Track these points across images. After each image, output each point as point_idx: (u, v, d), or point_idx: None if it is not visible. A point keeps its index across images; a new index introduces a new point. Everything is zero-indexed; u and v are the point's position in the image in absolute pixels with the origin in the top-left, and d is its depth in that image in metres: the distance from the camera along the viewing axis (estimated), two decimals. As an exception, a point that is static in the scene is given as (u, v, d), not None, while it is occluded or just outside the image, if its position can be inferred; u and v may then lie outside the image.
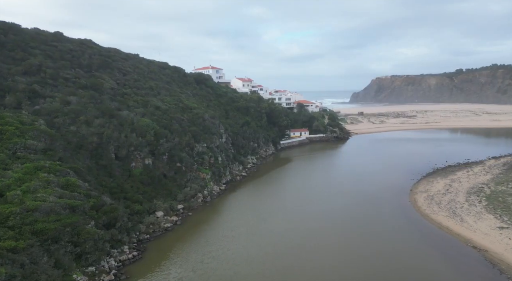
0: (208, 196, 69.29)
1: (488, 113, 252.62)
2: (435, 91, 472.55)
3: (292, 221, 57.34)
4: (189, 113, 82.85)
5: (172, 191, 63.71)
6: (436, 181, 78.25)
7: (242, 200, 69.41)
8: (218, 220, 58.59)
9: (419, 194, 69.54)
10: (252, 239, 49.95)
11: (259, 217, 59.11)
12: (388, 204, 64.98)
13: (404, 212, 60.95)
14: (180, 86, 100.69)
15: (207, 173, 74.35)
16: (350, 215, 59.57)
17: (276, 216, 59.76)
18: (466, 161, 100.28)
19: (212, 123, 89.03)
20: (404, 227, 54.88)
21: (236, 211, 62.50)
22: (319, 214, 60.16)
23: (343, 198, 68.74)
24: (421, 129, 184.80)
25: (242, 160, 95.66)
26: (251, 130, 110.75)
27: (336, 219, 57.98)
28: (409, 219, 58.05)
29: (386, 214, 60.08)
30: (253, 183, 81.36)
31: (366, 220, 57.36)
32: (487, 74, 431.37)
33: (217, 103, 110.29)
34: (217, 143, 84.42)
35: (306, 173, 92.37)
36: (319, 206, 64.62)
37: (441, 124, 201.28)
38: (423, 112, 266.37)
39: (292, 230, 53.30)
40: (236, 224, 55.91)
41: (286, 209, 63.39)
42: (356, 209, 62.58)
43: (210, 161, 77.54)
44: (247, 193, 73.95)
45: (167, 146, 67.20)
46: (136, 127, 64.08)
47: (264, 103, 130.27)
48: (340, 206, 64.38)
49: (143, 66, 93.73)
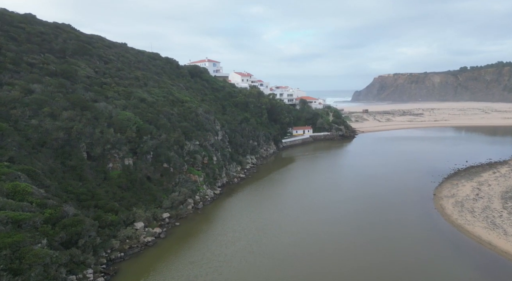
0: (200, 202, 59.65)
1: (498, 111, 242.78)
2: (439, 89, 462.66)
3: (297, 233, 47.68)
4: (180, 106, 73.19)
5: (156, 196, 54.10)
6: (461, 183, 68.54)
7: (239, 206, 59.74)
8: (210, 232, 48.93)
9: (446, 199, 59.82)
10: (249, 260, 40.27)
11: (259, 229, 49.43)
12: (410, 211, 55.29)
13: (431, 222, 51.27)
14: (171, 78, 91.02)
15: (200, 175, 64.69)
16: (366, 227, 49.86)
17: (279, 227, 50.09)
18: (489, 161, 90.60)
19: (207, 119, 79.37)
20: (435, 240, 45.22)
21: (232, 221, 52.82)
22: (329, 225, 50.49)
23: (356, 204, 59.10)
24: (431, 127, 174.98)
25: (240, 160, 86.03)
26: (250, 127, 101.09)
27: (350, 231, 48.30)
28: (439, 230, 48.35)
29: (409, 224, 50.42)
30: (252, 186, 71.73)
31: (387, 233, 47.68)
32: (492, 71, 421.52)
33: (213, 98, 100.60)
34: (211, 140, 74.77)
35: (311, 175, 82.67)
36: (328, 213, 54.95)
37: (450, 122, 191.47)
38: (429, 110, 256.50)
39: (297, 246, 43.66)
40: (231, 239, 46.24)
41: (290, 218, 53.72)
42: (372, 218, 52.88)
43: (204, 161, 67.90)
44: (245, 198, 64.30)
45: (152, 143, 57.56)
46: (115, 121, 54.41)
47: (265, 98, 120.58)
48: (353, 214, 54.72)
49: (130, 55, 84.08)
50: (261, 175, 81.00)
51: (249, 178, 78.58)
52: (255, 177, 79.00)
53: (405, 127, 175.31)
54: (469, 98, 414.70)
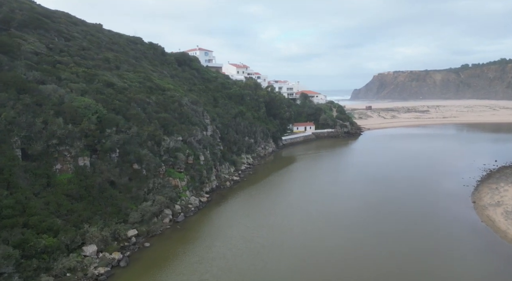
0: (181, 213, 46.86)
1: (506, 108, 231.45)
2: (441, 87, 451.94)
3: (305, 261, 35.06)
4: (160, 94, 60.33)
5: (121, 207, 41.25)
6: (502, 188, 56.18)
7: (231, 219, 46.99)
8: (188, 257, 36.17)
9: (491, 208, 47.39)
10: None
11: (254, 253, 36.75)
12: (451, 225, 42.82)
13: (483, 241, 38.79)
14: (154, 65, 78.08)
15: (182, 179, 51.89)
16: (397, 248, 37.31)
17: (281, 250, 37.44)
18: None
19: (194, 111, 66.56)
20: (495, 268, 32.80)
21: (220, 240, 40.07)
22: (344, 246, 37.92)
23: (377, 216, 46.55)
24: (440, 124, 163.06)
25: (234, 160, 73.32)
26: (246, 122, 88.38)
27: (379, 260, 35.69)
28: (497, 254, 35.86)
29: (454, 243, 37.96)
30: (247, 192, 59.02)
31: (429, 258, 35.12)
32: (495, 69, 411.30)
33: (203, 89, 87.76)
34: (198, 136, 61.97)
35: (317, 177, 70.08)
36: (344, 230, 42.35)
37: (460, 119, 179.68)
38: (435, 107, 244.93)
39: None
40: (217, 269, 33.50)
41: (294, 236, 41.08)
42: (403, 235, 40.38)
43: (188, 161, 55.08)
44: (239, 208, 51.56)
45: (118, 138, 44.69)
46: (66, 109, 41.49)
47: (263, 91, 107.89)
48: (374, 229, 42.13)
49: (103, 35, 71.02)
50: (258, 178, 68.32)
51: (244, 181, 65.88)
52: (251, 180, 66.30)
53: (413, 124, 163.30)
54: (471, 96, 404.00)
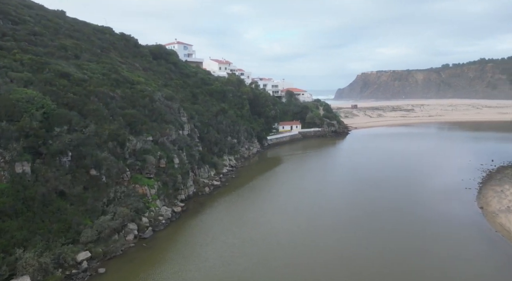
0: (149, 227, 39.47)
1: (489, 107, 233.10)
2: (422, 86, 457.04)
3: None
4: (127, 88, 52.56)
5: (72, 224, 33.54)
6: (508, 191, 51.33)
7: (207, 233, 39.91)
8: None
9: (503, 215, 42.19)
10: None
11: (233, 279, 29.87)
12: (460, 236, 37.22)
13: (503, 257, 33.23)
14: (124, 56, 69.94)
15: (152, 186, 44.43)
16: (408, 269, 31.27)
17: (267, 271, 30.73)
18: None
19: (168, 107, 59.05)
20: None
21: (192, 261, 32.98)
22: (340, 267, 31.61)
23: (373, 222, 40.55)
24: (427, 123, 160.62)
25: (215, 162, 66.16)
26: (228, 121, 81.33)
27: (377, 271, 29.51)
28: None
29: (469, 260, 32.26)
30: (228, 199, 52.06)
31: (446, 272, 29.22)
32: (475, 68, 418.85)
33: (180, 84, 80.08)
34: (173, 136, 54.51)
35: (305, 180, 63.83)
36: (340, 250, 36.06)
37: (446, 117, 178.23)
38: (420, 106, 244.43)
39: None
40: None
41: (282, 253, 34.47)
42: (407, 251, 34.43)
43: (159, 164, 47.64)
44: (217, 219, 44.53)
45: (70, 139, 36.88)
46: (0, 103, 33.40)
47: (246, 87, 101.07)
48: (375, 243, 36.04)
49: (64, 22, 62.42)
50: (242, 182, 61.42)
51: (225, 186, 58.86)
52: (234, 185, 59.35)
53: (400, 123, 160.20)
54: (452, 95, 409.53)
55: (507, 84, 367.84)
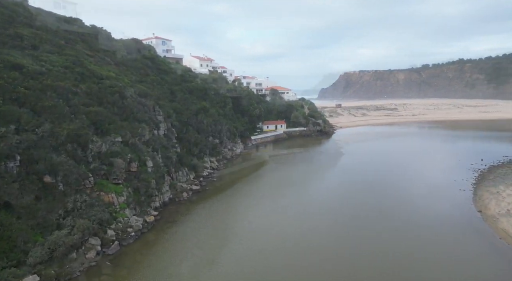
0: (114, 242, 34.24)
1: (469, 106, 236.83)
2: (404, 86, 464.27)
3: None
4: (94, 83, 46.90)
5: (18, 242, 28.08)
6: (504, 192, 48.87)
7: (181, 247, 35.07)
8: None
9: (503, 220, 39.30)
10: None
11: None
12: (465, 242, 33.91)
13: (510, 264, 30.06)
14: (94, 50, 63.84)
15: (120, 193, 39.15)
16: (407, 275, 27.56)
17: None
18: (507, 158, 73.21)
19: (141, 105, 53.64)
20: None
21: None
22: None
23: (372, 230, 36.80)
24: (411, 122, 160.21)
25: (195, 164, 61.17)
26: (209, 120, 76.37)
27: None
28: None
29: (482, 270, 28.88)
30: (208, 205, 47.29)
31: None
32: (454, 68, 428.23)
33: (157, 80, 74.57)
34: (146, 136, 49.27)
35: (293, 183, 59.73)
36: (333, 260, 32.07)
37: (429, 116, 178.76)
38: (402, 105, 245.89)
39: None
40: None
41: (266, 270, 30.14)
42: (404, 263, 30.78)
43: (130, 168, 42.40)
44: (194, 229, 39.72)
45: (19, 140, 31.30)
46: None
47: (229, 85, 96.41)
48: (373, 247, 32.24)
49: (23, 10, 55.86)
50: (224, 186, 56.72)
51: (206, 190, 54.04)
52: (215, 189, 54.59)
53: (384, 122, 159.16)
54: (433, 95, 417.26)
55: (485, 84, 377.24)
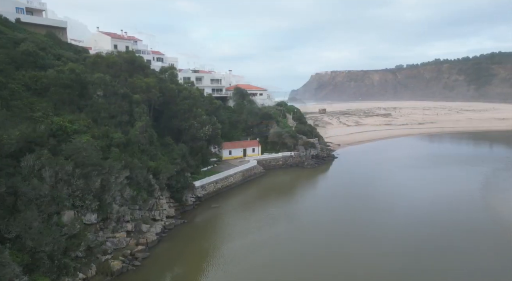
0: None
1: (468, 111, 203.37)
2: (379, 87, 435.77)
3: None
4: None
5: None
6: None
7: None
8: None
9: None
10: None
11: None
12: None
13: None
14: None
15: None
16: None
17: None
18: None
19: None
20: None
21: None
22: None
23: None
24: (426, 133, 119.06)
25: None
26: (71, 167, 26.71)
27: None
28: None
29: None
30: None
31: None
32: (431, 69, 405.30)
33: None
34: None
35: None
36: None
37: (438, 125, 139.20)
38: (393, 109, 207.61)
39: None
40: None
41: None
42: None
43: None
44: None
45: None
46: None
47: (150, 78, 46.87)
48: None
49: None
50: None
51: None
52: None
53: (392, 134, 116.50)
54: (409, 97, 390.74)
55: (465, 85, 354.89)
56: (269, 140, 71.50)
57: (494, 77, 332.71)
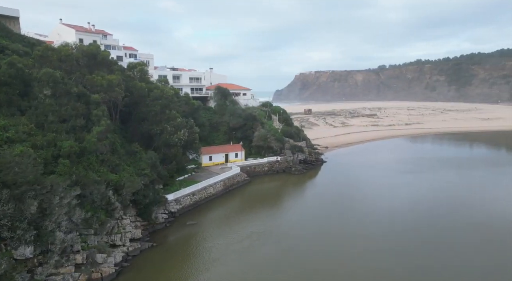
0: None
1: (451, 111, 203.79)
2: (362, 87, 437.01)
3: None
4: None
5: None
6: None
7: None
8: None
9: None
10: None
11: None
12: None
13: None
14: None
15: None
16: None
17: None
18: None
19: None
20: None
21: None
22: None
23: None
24: (415, 134, 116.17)
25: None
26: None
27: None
28: None
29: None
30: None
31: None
32: (413, 69, 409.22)
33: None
34: None
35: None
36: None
37: (425, 125, 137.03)
38: (378, 109, 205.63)
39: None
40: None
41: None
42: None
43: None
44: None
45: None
46: None
47: (114, 75, 40.08)
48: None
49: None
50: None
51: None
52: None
53: (379, 135, 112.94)
54: (392, 97, 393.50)
55: (445, 85, 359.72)
56: (254, 143, 65.60)
57: (474, 77, 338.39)
